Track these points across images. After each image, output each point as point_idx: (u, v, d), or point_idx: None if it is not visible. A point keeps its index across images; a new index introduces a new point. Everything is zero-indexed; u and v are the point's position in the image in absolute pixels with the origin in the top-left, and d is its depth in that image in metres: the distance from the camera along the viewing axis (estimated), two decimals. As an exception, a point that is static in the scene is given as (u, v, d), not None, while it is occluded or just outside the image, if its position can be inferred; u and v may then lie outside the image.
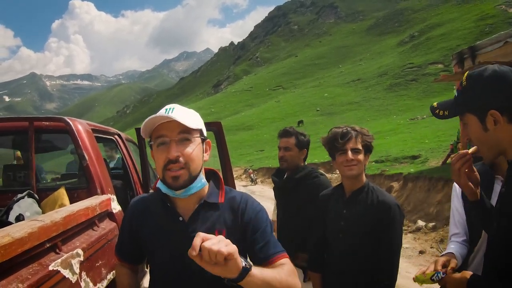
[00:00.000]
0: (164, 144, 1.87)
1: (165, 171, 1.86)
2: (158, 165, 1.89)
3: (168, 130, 1.86)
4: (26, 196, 3.70)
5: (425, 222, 10.75)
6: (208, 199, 2.01)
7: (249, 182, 29.42)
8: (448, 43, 79.16)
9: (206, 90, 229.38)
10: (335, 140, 2.98)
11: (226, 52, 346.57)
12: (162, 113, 1.84)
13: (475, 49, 12.63)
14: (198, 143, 1.94)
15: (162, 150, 1.87)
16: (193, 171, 1.89)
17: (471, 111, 1.88)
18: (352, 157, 2.92)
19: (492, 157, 1.94)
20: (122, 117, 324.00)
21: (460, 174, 2.07)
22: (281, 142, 4.06)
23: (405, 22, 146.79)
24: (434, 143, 19.32)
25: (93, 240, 2.86)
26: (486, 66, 1.81)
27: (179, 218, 1.97)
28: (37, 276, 1.98)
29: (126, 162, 5.39)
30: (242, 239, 2.01)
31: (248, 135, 69.82)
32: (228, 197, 2.08)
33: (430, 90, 62.92)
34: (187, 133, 1.88)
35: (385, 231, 2.90)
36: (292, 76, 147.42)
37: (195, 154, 1.90)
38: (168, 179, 1.87)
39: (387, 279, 2.91)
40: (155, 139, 1.90)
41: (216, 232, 1.94)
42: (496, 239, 1.92)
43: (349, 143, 2.93)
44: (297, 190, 3.95)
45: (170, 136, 1.86)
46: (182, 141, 1.87)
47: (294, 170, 4.04)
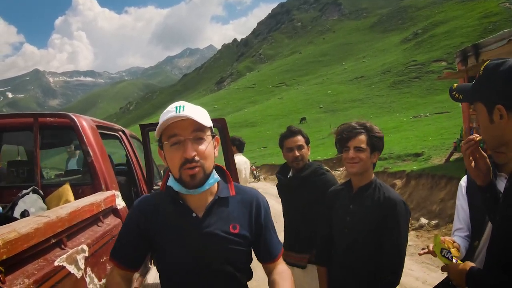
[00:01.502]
0: (178, 143, 1.86)
1: (181, 170, 1.86)
2: (173, 164, 1.88)
3: (181, 129, 1.85)
4: (31, 192, 3.71)
5: (428, 219, 10.74)
6: (221, 194, 2.02)
7: (252, 179, 29.40)
8: (452, 40, 78.79)
9: (209, 87, 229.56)
10: (340, 137, 2.99)
11: (229, 49, 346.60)
12: (174, 112, 1.83)
13: (478, 47, 12.57)
14: (210, 140, 1.94)
15: (177, 150, 1.86)
16: (207, 168, 1.90)
17: (481, 100, 1.91)
18: (354, 155, 2.94)
19: (494, 147, 1.96)
20: (125, 114, 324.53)
21: (465, 156, 2.15)
22: (290, 142, 4.02)
23: (408, 19, 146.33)
24: (437, 141, 19.26)
25: (98, 236, 2.86)
26: (506, 60, 1.81)
27: (192, 214, 1.96)
28: (43, 271, 1.99)
29: (130, 158, 5.39)
30: (252, 234, 2.05)
31: (251, 132, 69.79)
32: (239, 192, 2.10)
33: (433, 88, 62.71)
34: (200, 131, 1.88)
35: (390, 228, 2.91)
36: (295, 73, 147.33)
37: (208, 151, 1.91)
38: (185, 177, 1.86)
39: (390, 274, 2.91)
40: (168, 138, 1.88)
41: (231, 227, 1.97)
42: (499, 232, 1.93)
43: (352, 141, 2.94)
44: (303, 188, 3.94)
45: (184, 135, 1.85)
46: (196, 139, 1.87)
47: (300, 167, 4.04)
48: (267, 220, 2.11)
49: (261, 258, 2.16)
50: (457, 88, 2.10)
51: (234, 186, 2.13)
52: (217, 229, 1.95)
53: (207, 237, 1.93)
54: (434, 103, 51.42)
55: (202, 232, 1.92)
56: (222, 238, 1.95)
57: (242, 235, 2.00)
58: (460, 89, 2.08)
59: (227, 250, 1.96)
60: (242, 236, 2.00)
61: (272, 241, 2.13)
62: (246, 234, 2.01)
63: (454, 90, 2.10)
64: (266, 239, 2.10)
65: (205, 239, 1.93)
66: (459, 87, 2.10)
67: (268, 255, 2.14)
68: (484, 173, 2.14)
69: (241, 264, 2.03)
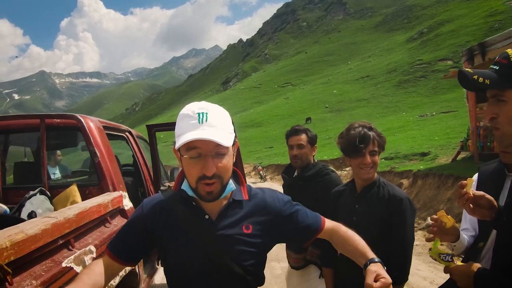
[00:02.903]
0: (199, 157, 1.78)
1: (199, 184, 1.80)
2: (191, 175, 1.82)
3: (203, 144, 1.75)
4: (38, 193, 3.72)
5: (435, 219, 10.69)
6: (235, 197, 2.00)
7: (258, 179, 29.44)
8: (457, 39, 78.61)
9: (215, 87, 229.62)
10: (353, 144, 2.96)
11: (234, 49, 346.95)
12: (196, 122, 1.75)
13: (485, 45, 12.51)
14: (231, 153, 1.88)
15: (196, 163, 1.78)
16: (225, 181, 1.85)
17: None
18: (370, 160, 2.93)
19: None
20: (131, 114, 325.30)
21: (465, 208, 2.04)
22: (292, 140, 4.04)
23: (414, 18, 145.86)
24: (443, 140, 19.20)
25: (105, 236, 2.86)
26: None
27: (205, 216, 1.93)
28: (51, 272, 1.99)
29: (137, 159, 5.40)
30: (273, 232, 2.04)
31: (257, 132, 69.84)
32: (252, 194, 2.08)
33: (439, 87, 62.56)
34: (223, 147, 1.79)
35: (396, 224, 2.91)
36: (301, 73, 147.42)
37: (229, 166, 1.85)
38: (202, 192, 1.81)
39: (397, 271, 2.90)
40: (187, 149, 1.78)
41: (244, 227, 1.96)
42: (505, 233, 1.91)
43: (367, 147, 2.92)
44: (308, 188, 3.92)
45: (206, 151, 1.76)
46: (218, 155, 1.79)
47: (305, 167, 4.03)
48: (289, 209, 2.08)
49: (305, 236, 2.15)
50: (476, 72, 1.90)
51: (247, 188, 2.11)
52: (230, 230, 1.93)
53: (219, 240, 1.91)
54: (440, 102, 51.31)
55: (214, 234, 1.89)
56: (234, 239, 1.93)
57: (256, 235, 1.97)
58: (482, 73, 1.89)
59: (238, 251, 1.94)
60: (255, 236, 1.97)
61: (305, 218, 2.10)
62: (259, 234, 1.99)
63: (474, 73, 1.89)
64: (299, 224, 2.08)
65: (217, 241, 1.90)
66: (479, 72, 1.90)
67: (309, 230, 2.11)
68: (490, 207, 2.01)
69: (252, 266, 1.99)
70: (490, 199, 1.98)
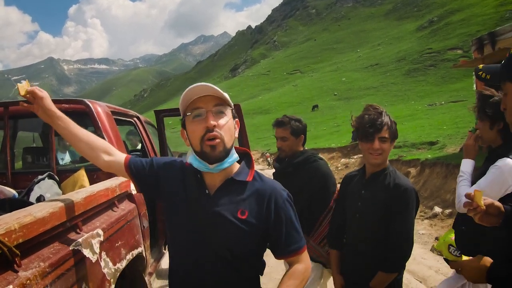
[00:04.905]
0: (200, 116, 1.96)
1: (203, 142, 1.94)
2: (195, 136, 1.97)
3: (204, 103, 1.96)
4: (47, 178, 3.75)
5: (442, 208, 10.67)
6: (237, 177, 2.05)
7: (266, 166, 29.42)
8: (468, 28, 77.81)
9: (224, 73, 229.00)
10: (364, 128, 2.97)
11: (243, 36, 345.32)
12: (198, 85, 1.94)
13: (495, 34, 12.41)
14: (230, 117, 2.02)
15: (199, 122, 1.95)
16: (227, 143, 1.96)
17: None
18: (379, 146, 2.93)
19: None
20: (139, 101, 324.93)
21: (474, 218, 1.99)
22: (276, 132, 4.14)
23: (424, 7, 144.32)
24: (452, 130, 19.09)
25: (112, 220, 2.88)
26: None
27: (205, 190, 2.03)
28: (58, 255, 2.01)
29: (145, 144, 5.42)
30: (266, 226, 2.04)
31: (265, 119, 69.57)
32: (258, 181, 2.11)
33: (449, 76, 62.11)
34: (221, 106, 1.99)
35: (397, 212, 2.93)
36: (310, 60, 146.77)
37: (228, 126, 1.99)
38: (206, 148, 1.94)
39: (397, 258, 2.94)
40: (191, 110, 1.98)
41: (239, 211, 1.98)
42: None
43: (378, 132, 2.92)
44: (296, 175, 3.99)
45: (206, 107, 1.96)
46: (217, 113, 1.98)
47: (293, 155, 4.10)
48: (283, 214, 2.07)
49: (275, 252, 2.14)
50: (484, 68, 2.07)
51: (256, 174, 2.14)
52: (225, 210, 1.98)
53: (213, 216, 1.98)
54: (449, 92, 50.94)
55: (209, 210, 1.98)
56: (228, 221, 1.97)
57: (249, 222, 1.99)
58: (487, 69, 2.05)
59: (231, 235, 1.97)
60: (249, 223, 1.99)
61: (287, 236, 2.07)
62: (253, 222, 2.00)
63: (481, 70, 2.07)
64: (280, 233, 2.06)
65: (211, 217, 1.98)
66: (486, 67, 2.06)
67: (281, 249, 2.10)
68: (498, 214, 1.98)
69: (245, 254, 2.02)
70: (499, 205, 1.97)
